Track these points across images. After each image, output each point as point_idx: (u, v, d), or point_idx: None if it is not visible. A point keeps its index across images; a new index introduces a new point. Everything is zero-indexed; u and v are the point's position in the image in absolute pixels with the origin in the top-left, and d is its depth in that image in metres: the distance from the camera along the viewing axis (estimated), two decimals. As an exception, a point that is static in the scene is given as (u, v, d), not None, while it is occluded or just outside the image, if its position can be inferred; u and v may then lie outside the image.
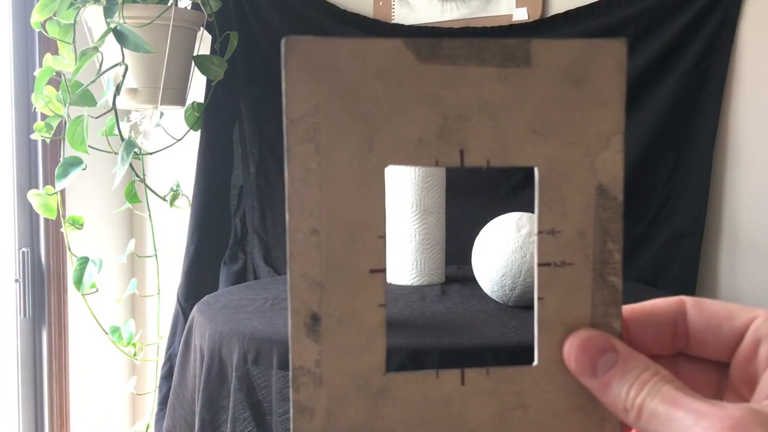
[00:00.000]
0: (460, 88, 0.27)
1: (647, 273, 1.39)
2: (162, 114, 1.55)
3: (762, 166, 1.34)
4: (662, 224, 1.39)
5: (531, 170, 0.28)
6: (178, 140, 1.51)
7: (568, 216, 0.28)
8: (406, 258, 1.21)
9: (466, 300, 1.11)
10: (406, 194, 1.20)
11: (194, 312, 1.11)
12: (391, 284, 1.23)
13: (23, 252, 1.63)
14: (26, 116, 1.61)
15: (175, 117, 1.62)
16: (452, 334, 0.94)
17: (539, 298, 0.28)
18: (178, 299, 1.61)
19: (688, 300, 0.30)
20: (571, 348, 0.28)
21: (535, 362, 0.28)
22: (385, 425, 0.28)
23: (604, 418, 0.28)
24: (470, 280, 1.18)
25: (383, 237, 0.27)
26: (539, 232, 0.28)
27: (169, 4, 1.39)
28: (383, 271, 0.27)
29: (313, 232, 0.27)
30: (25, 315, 1.64)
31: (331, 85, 0.26)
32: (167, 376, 1.48)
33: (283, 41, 0.26)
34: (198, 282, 1.60)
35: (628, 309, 0.30)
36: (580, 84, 0.28)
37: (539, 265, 0.28)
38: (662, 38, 1.36)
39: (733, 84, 1.35)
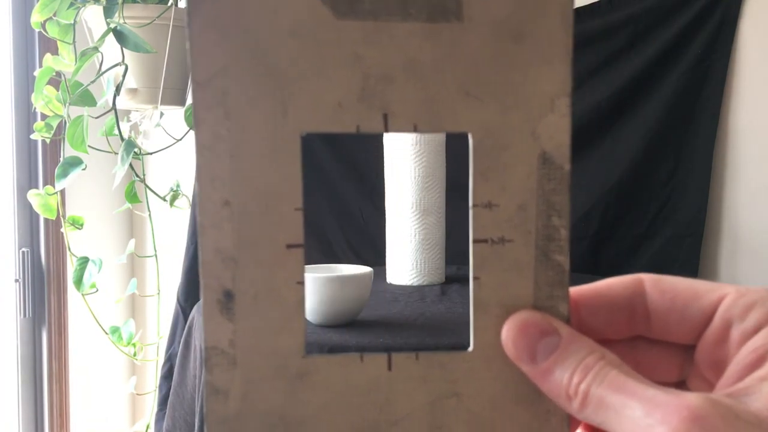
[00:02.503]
0: (382, 47, 0.25)
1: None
2: (162, 114, 1.55)
3: (762, 166, 1.34)
4: (662, 224, 1.39)
5: None
6: (178, 140, 1.51)
7: (507, 187, 0.26)
8: (405, 258, 1.21)
9: (466, 300, 1.11)
10: (406, 194, 1.20)
11: (194, 312, 1.11)
12: (390, 284, 1.23)
13: (23, 252, 1.63)
14: (26, 116, 1.61)
15: (175, 117, 1.62)
16: (452, 334, 0.94)
17: (475, 278, 0.26)
18: (178, 299, 1.61)
19: (647, 278, 0.27)
20: (508, 331, 0.26)
21: (471, 347, 0.26)
22: (306, 410, 0.26)
23: (549, 411, 0.26)
24: (470, 280, 1.18)
25: (300, 209, 0.25)
26: (474, 206, 0.26)
27: (169, 4, 1.39)
28: (301, 246, 0.25)
29: (224, 204, 0.25)
30: (25, 315, 1.64)
31: (240, 44, 0.24)
32: (167, 376, 1.48)
33: None
34: (198, 282, 1.59)
35: (577, 290, 0.27)
36: (520, 41, 0.25)
37: (474, 241, 0.26)
38: (662, 38, 1.36)
39: (733, 84, 1.35)
